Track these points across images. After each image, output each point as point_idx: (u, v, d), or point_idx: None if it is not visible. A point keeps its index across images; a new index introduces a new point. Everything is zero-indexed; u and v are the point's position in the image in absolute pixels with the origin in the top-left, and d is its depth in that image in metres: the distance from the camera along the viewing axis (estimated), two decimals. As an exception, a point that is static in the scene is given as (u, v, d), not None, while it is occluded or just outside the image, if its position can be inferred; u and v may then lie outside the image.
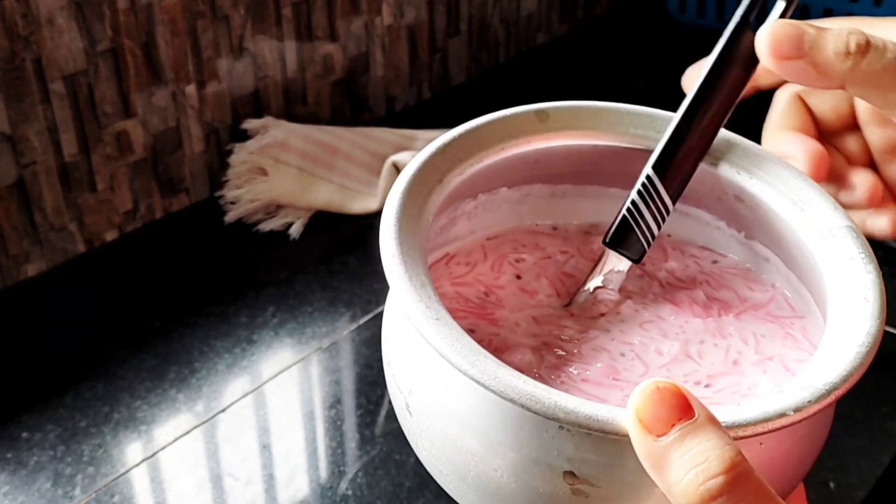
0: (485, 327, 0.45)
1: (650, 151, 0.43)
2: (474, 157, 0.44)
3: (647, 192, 0.42)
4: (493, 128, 0.44)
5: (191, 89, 0.87)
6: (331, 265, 0.82)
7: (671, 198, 0.42)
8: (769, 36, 0.38)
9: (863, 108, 0.47)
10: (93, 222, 0.83)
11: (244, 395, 0.68)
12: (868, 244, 0.41)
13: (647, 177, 0.42)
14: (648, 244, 0.43)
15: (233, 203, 0.88)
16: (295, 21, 0.94)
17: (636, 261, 0.43)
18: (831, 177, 0.47)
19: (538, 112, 0.44)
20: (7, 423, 0.66)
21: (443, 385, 0.38)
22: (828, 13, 1.14)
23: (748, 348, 0.44)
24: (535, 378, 0.36)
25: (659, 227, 0.42)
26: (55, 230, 0.80)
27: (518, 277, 0.48)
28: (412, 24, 1.06)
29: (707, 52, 0.41)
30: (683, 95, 0.42)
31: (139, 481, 0.61)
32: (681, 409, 0.31)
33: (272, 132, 0.91)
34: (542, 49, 1.24)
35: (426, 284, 0.37)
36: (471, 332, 0.42)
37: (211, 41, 0.87)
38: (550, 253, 0.49)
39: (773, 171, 0.45)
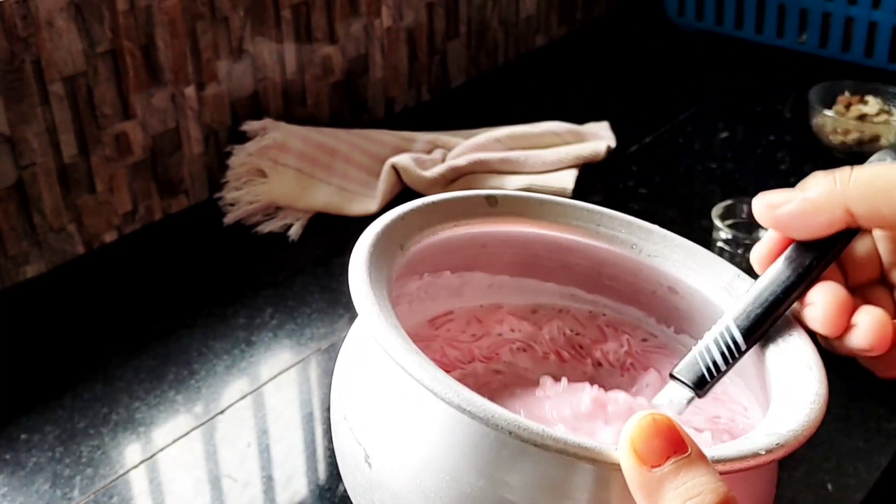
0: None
1: (588, 244, 0.47)
2: (430, 229, 0.46)
3: (723, 338, 0.41)
4: (447, 206, 0.46)
5: (190, 91, 0.87)
6: (329, 267, 0.82)
7: (746, 345, 0.41)
8: (761, 198, 0.40)
9: (885, 250, 0.42)
10: (92, 224, 0.83)
11: (243, 397, 0.68)
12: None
13: (727, 327, 0.41)
14: (712, 378, 0.42)
15: (232, 205, 0.88)
16: (294, 23, 0.94)
17: (698, 392, 0.42)
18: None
19: (488, 197, 0.47)
20: (6, 424, 0.66)
21: (415, 427, 0.37)
22: (826, 16, 1.14)
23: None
24: None
25: (727, 366, 0.41)
26: (54, 231, 0.80)
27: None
28: (411, 26, 1.06)
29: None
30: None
31: (138, 483, 0.61)
32: (675, 443, 0.32)
33: (271, 134, 0.91)
34: (541, 51, 1.24)
35: (398, 326, 0.38)
36: None
37: (210, 43, 0.87)
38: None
39: (705, 263, 0.47)
